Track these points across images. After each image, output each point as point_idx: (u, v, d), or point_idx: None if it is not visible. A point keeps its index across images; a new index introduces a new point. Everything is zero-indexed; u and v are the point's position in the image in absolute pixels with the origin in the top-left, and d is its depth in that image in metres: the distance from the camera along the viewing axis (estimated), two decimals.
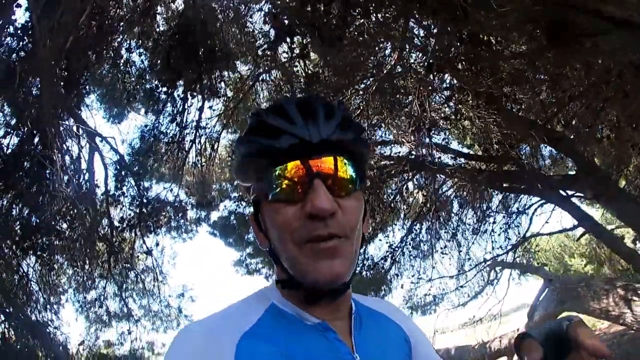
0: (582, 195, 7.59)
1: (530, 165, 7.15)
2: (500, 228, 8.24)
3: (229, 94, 7.53)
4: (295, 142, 0.70)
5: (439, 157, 7.07)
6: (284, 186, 0.71)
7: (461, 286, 8.65)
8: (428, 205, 7.51)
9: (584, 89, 5.99)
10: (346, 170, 0.72)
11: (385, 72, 5.56)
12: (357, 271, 0.79)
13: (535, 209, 8.46)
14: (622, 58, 5.23)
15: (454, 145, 8.36)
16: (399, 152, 7.29)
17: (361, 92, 6.20)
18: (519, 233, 8.53)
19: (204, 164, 7.59)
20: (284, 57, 6.39)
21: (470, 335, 9.70)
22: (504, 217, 8.37)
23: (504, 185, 7.66)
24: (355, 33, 5.42)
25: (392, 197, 8.05)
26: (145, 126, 7.64)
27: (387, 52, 6.04)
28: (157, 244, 8.24)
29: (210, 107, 7.40)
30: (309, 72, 6.35)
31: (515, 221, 8.51)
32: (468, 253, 8.49)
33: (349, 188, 0.73)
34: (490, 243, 8.33)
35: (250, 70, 7.13)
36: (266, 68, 6.71)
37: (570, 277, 5.59)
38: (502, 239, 8.32)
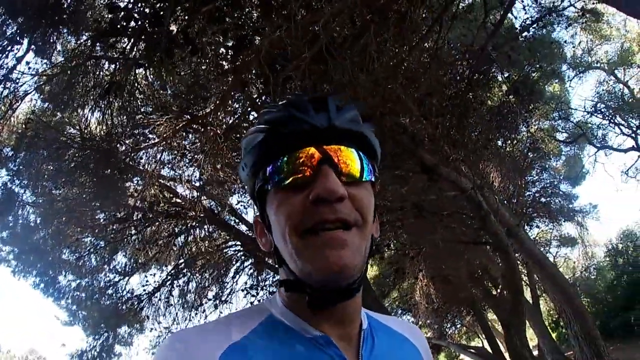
0: None
1: None
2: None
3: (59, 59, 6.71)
4: (304, 127, 0.68)
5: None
6: (291, 173, 0.67)
7: None
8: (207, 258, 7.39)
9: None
10: (356, 160, 0.69)
11: None
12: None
13: None
14: (412, 198, 5.96)
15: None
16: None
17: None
18: None
19: None
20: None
21: None
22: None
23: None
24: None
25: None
26: None
27: None
28: None
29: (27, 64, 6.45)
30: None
31: None
32: None
33: (359, 177, 0.69)
34: None
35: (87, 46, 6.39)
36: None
37: None
38: None
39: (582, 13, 6.95)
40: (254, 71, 3.83)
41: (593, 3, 6.09)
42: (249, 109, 5.85)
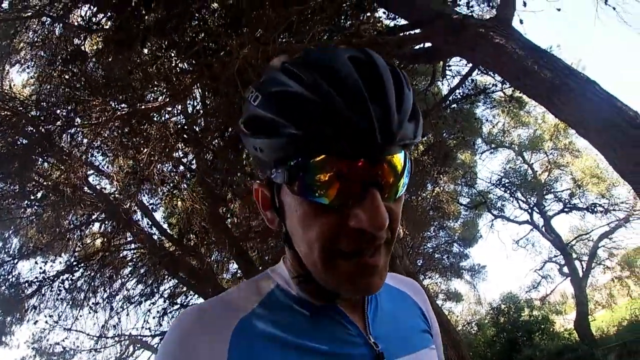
0: None
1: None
2: (157, 312, 8.20)
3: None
4: (358, 136, 0.53)
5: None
6: (326, 188, 0.55)
7: (96, 350, 7.91)
8: (101, 255, 7.11)
9: None
10: (403, 171, 0.58)
11: None
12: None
13: None
14: None
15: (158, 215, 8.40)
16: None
17: None
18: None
19: None
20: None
21: None
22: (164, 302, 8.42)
23: (180, 274, 7.86)
24: None
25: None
26: None
27: None
28: None
29: None
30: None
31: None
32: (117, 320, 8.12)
33: (402, 190, 0.60)
34: (143, 321, 8.25)
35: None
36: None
37: None
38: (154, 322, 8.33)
39: (510, 100, 7.97)
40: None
41: (519, 93, 7.03)
42: (201, 111, 5.84)
